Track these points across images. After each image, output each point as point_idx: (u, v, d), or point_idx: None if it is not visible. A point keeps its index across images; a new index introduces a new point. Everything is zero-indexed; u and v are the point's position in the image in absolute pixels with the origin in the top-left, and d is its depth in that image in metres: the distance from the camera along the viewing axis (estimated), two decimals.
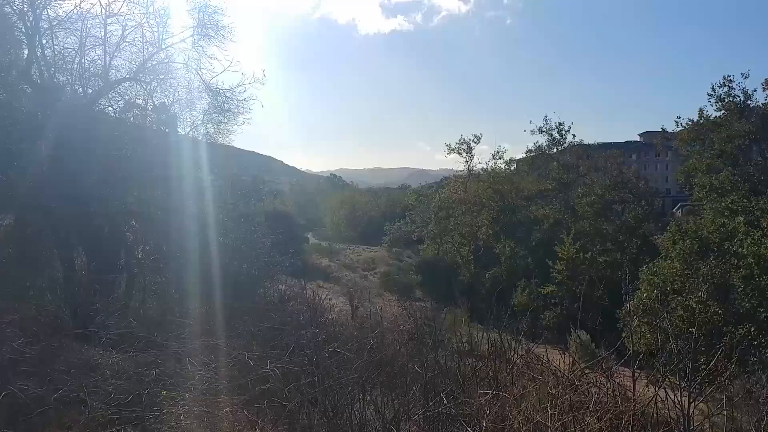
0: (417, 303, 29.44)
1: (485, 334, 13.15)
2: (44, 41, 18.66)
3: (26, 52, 18.70)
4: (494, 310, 13.42)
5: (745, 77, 32.10)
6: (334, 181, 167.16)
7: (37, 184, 16.90)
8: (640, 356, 10.11)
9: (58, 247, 18.51)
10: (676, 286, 25.32)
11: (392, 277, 52.13)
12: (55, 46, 19.19)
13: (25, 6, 18.05)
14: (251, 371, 9.02)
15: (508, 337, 12.15)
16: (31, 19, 18.10)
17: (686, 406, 8.13)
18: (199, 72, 20.94)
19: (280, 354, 9.50)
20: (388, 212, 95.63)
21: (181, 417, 8.00)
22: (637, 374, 8.45)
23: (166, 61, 20.55)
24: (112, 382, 8.80)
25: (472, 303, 28.76)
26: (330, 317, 14.37)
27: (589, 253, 39.09)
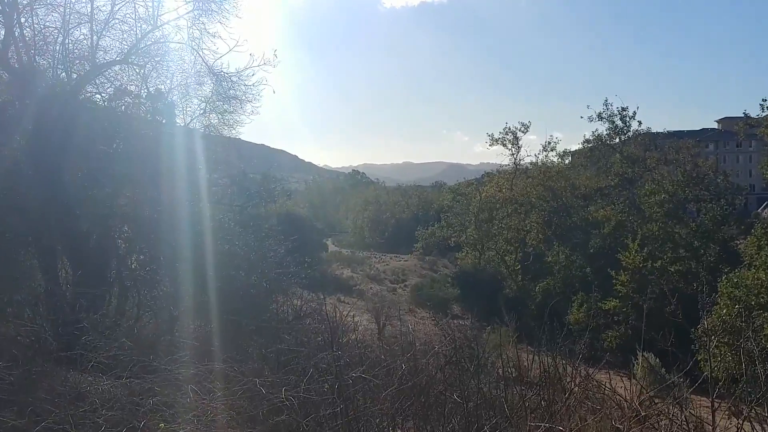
0: (455, 321, 29.30)
1: (536, 358, 13.05)
2: (23, 19, 18.80)
3: (2, 32, 18.90)
4: (546, 328, 13.30)
5: None
6: (356, 178, 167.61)
7: (14, 184, 17.13)
8: (720, 383, 9.98)
9: (39, 257, 18.71)
10: (762, 299, 24.98)
11: (425, 291, 52.18)
12: (35, 25, 19.29)
13: None
14: (263, 401, 9.04)
15: (563, 361, 12.04)
16: None
17: None
18: (200, 53, 20.99)
19: (296, 380, 9.51)
20: (419, 214, 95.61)
21: None
22: (716, 404, 8.33)
23: (162, 40, 20.64)
24: (103, 412, 8.85)
25: (520, 320, 28.47)
26: (353, 337, 14.39)
27: (659, 262, 38.74)
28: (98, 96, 21.26)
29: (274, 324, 17.77)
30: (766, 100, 35.51)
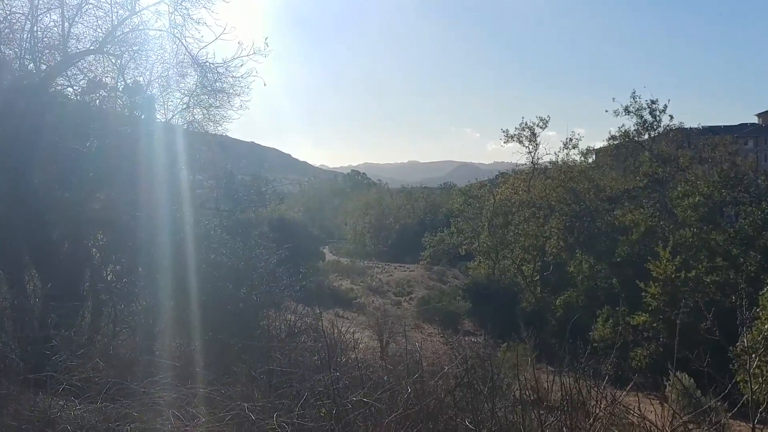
0: (466, 337, 29.25)
1: (557, 379, 13.03)
2: None
3: None
4: (568, 346, 13.25)
5: None
6: (356, 179, 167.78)
7: None
8: (762, 407, 9.94)
9: (4, 267, 18.70)
10: None
11: (433, 304, 52.22)
12: (0, 11, 19.32)
13: None
14: (252, 427, 9.03)
15: (587, 383, 12.01)
16: None
17: None
18: (183, 41, 20.97)
19: (289, 405, 9.50)
20: (426, 219, 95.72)
21: None
22: (757, 430, 8.30)
23: (140, 27, 20.69)
24: None
25: (539, 337, 28.57)
26: (353, 356, 14.35)
27: (693, 272, 38.62)
28: (70, 89, 21.29)
29: (264, 342, 17.75)
30: None
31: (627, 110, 53.04)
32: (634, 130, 53.69)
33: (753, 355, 19.69)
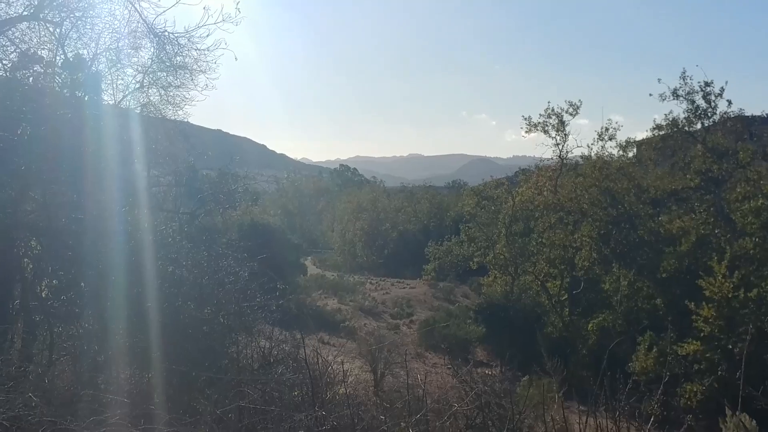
0: (479, 369, 29.26)
1: (590, 420, 13.04)
2: None
3: None
4: (603, 380, 13.25)
5: None
6: (345, 175, 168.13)
7: None
8: None
9: None
10: None
11: (439, 328, 52.10)
12: None
13: None
14: None
15: (627, 424, 12.01)
16: None
17: None
18: (136, 6, 21.01)
19: None
20: (431, 225, 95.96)
21: None
22: None
23: None
24: None
25: (567, 369, 28.61)
26: (341, 392, 14.35)
27: (755, 291, 38.61)
28: None
29: (233, 374, 17.74)
30: None
31: (675, 94, 52.87)
32: (684, 118, 53.52)
33: None
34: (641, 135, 61.45)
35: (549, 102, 65.55)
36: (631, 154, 59.30)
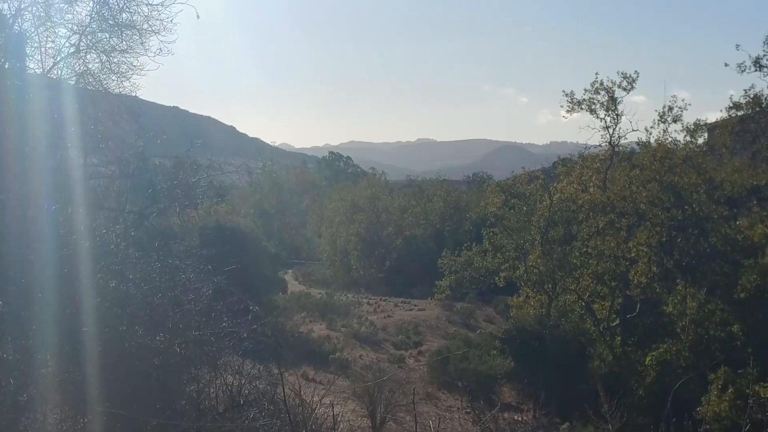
0: (507, 414, 29.21)
1: None
2: None
3: None
4: (667, 428, 13.31)
5: None
6: (336, 165, 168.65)
7: None
8: None
9: None
10: None
11: (455, 362, 52.19)
12: None
13: None
14: None
15: None
16: None
17: None
18: None
19: None
20: (446, 229, 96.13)
21: None
22: None
23: None
24: None
25: (621, 413, 28.70)
26: None
27: None
28: None
29: (192, 419, 17.81)
30: None
31: (758, 64, 52.60)
32: None
33: None
34: (714, 116, 61.43)
35: (597, 74, 63.68)
36: (701, 141, 59.14)
